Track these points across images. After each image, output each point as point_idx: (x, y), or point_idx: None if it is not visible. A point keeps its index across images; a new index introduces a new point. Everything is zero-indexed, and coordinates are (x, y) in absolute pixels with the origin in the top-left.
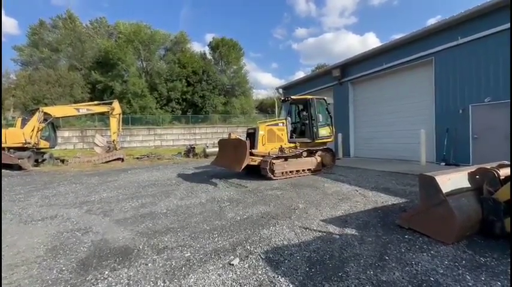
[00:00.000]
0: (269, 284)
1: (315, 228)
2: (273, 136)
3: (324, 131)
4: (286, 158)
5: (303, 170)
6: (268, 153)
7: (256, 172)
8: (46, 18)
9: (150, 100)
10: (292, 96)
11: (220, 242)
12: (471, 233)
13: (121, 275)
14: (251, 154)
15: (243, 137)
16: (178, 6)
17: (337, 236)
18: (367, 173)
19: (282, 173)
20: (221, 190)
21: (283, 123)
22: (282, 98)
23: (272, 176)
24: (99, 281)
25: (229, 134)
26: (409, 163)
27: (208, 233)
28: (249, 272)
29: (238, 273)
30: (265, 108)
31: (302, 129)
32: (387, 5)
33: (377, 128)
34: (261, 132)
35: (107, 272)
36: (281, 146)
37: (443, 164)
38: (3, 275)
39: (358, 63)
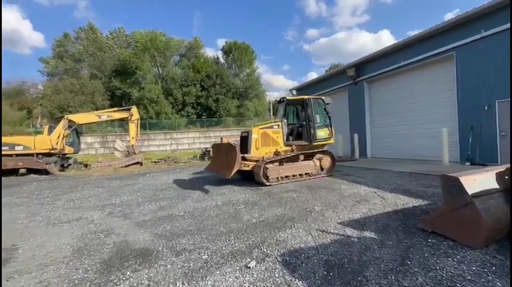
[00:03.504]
0: None
1: (332, 231)
2: (268, 139)
3: (322, 133)
4: (281, 162)
5: (300, 175)
6: (263, 157)
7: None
8: (70, 30)
9: (166, 105)
10: (287, 97)
11: (236, 244)
12: (501, 237)
13: (142, 276)
14: (244, 159)
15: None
16: (191, 13)
17: (356, 240)
18: (386, 174)
19: (277, 178)
20: (236, 192)
21: (278, 125)
22: (277, 99)
23: (266, 181)
24: (121, 281)
25: (221, 138)
26: (431, 163)
27: (225, 235)
28: (266, 275)
29: (255, 276)
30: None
31: (299, 132)
32: (401, 1)
33: (395, 128)
34: (254, 136)
35: (128, 273)
36: (276, 149)
37: (468, 163)
38: (34, 274)
39: (374, 61)
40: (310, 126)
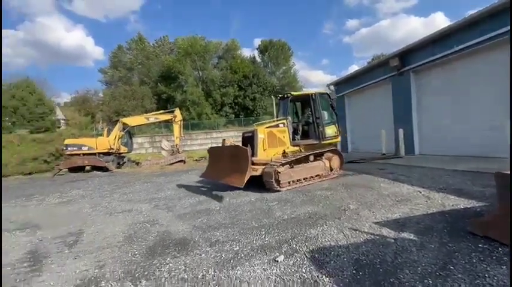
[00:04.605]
0: (312, 283)
1: (366, 230)
2: (274, 139)
3: (329, 131)
4: (291, 165)
5: (311, 177)
6: (271, 159)
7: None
8: (123, 42)
9: (206, 106)
10: (292, 93)
11: (267, 239)
12: None
13: (179, 262)
14: (251, 163)
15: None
16: (229, 15)
17: (392, 240)
18: (434, 172)
19: (289, 182)
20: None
21: (283, 123)
22: (280, 96)
23: (278, 187)
24: (162, 265)
25: (223, 140)
26: (491, 160)
27: (256, 230)
28: (292, 270)
29: (283, 269)
30: None
31: (305, 130)
32: None
33: (447, 121)
34: (261, 136)
35: (168, 259)
36: (284, 150)
37: None
38: (94, 254)
39: (421, 49)
40: (318, 123)
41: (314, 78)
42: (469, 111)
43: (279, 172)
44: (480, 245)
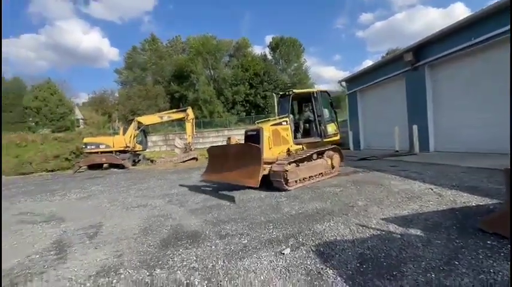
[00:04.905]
0: (316, 274)
1: (373, 226)
2: (278, 138)
3: (330, 129)
4: (297, 163)
5: (316, 175)
6: (276, 158)
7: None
8: (137, 43)
9: (218, 105)
10: (294, 90)
11: (274, 233)
12: None
13: (191, 253)
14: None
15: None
16: (240, 13)
17: (398, 236)
18: (449, 170)
19: (296, 181)
20: None
21: (286, 121)
22: (281, 93)
23: (286, 186)
24: (175, 256)
25: (228, 138)
26: None
27: (264, 224)
28: (298, 262)
29: (288, 261)
30: None
31: (306, 128)
32: None
33: (464, 117)
34: (266, 134)
35: (181, 250)
36: (288, 149)
37: None
38: (113, 245)
39: (438, 42)
40: (320, 121)
41: (326, 74)
42: (487, 107)
43: (287, 171)
44: (489, 242)
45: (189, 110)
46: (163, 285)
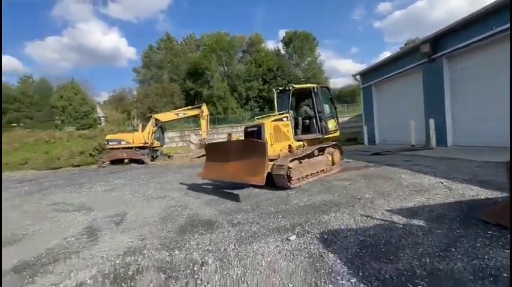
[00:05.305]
0: (318, 257)
1: (377, 217)
2: (280, 134)
3: (330, 125)
4: (300, 160)
5: (317, 172)
6: (278, 155)
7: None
8: (153, 42)
9: (232, 101)
10: (294, 85)
11: (282, 222)
12: None
13: (205, 238)
14: None
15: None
16: (253, 7)
17: (400, 226)
18: (463, 164)
19: (298, 179)
20: None
21: (286, 117)
22: (280, 88)
23: (289, 184)
24: (191, 240)
25: (229, 135)
26: None
27: (274, 214)
28: (302, 247)
29: (293, 246)
30: (343, 97)
31: (306, 124)
32: None
33: (483, 110)
34: (268, 130)
35: (196, 235)
36: (289, 145)
37: None
38: (136, 230)
39: (456, 32)
40: (320, 117)
41: (342, 67)
42: (508, 100)
43: (290, 168)
44: (489, 232)
45: (204, 107)
46: (181, 263)
